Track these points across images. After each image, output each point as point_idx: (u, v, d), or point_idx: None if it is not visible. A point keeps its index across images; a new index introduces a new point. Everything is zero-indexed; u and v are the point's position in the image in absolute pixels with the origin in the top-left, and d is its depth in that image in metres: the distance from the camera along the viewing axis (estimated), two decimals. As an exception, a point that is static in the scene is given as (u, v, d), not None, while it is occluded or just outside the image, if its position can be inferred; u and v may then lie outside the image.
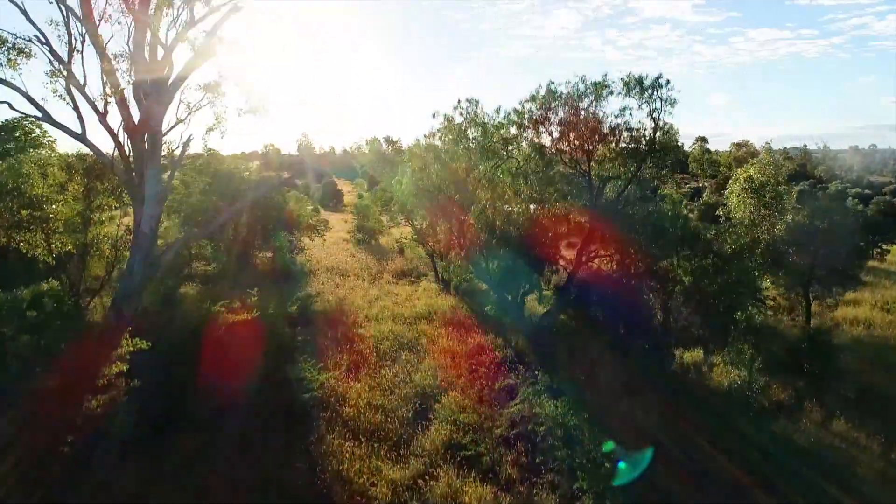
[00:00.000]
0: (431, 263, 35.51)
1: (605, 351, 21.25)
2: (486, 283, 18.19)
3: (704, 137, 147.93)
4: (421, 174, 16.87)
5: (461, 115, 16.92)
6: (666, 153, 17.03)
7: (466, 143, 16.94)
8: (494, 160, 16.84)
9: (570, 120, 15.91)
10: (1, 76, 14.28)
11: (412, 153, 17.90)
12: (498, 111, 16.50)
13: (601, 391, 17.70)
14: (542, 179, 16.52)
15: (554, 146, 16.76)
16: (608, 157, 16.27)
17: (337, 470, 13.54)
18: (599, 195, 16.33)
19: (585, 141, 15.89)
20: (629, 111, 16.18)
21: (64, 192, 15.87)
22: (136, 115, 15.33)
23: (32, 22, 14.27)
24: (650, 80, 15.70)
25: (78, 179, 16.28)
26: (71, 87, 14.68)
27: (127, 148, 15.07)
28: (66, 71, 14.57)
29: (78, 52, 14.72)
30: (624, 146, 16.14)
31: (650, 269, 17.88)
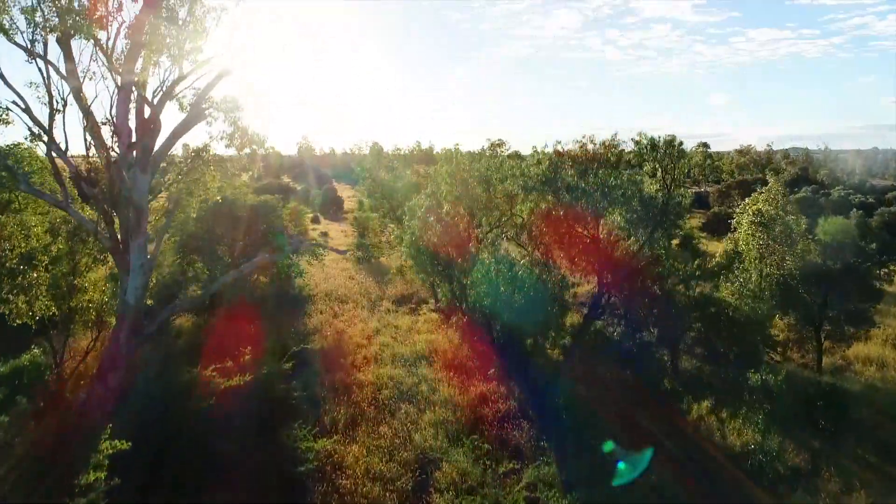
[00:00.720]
0: (432, 290, 34.85)
1: (613, 402, 20.59)
2: (492, 343, 17.55)
3: (706, 143, 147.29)
4: (421, 233, 16.18)
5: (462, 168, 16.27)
6: (679, 216, 16.32)
7: (468, 200, 16.21)
8: (497, 215, 16.22)
9: (578, 185, 15.24)
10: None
11: (412, 211, 17.16)
12: (502, 164, 15.83)
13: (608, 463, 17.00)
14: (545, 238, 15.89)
15: (560, 209, 16.11)
16: (619, 223, 15.60)
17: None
18: (608, 263, 15.73)
19: (596, 205, 15.20)
20: (641, 176, 15.47)
21: (48, 252, 15.17)
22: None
23: (10, 86, 13.58)
24: (663, 142, 15.02)
25: (62, 242, 15.59)
26: (52, 152, 13.98)
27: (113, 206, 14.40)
28: (47, 136, 13.87)
29: (59, 112, 14.01)
30: (634, 214, 15.42)
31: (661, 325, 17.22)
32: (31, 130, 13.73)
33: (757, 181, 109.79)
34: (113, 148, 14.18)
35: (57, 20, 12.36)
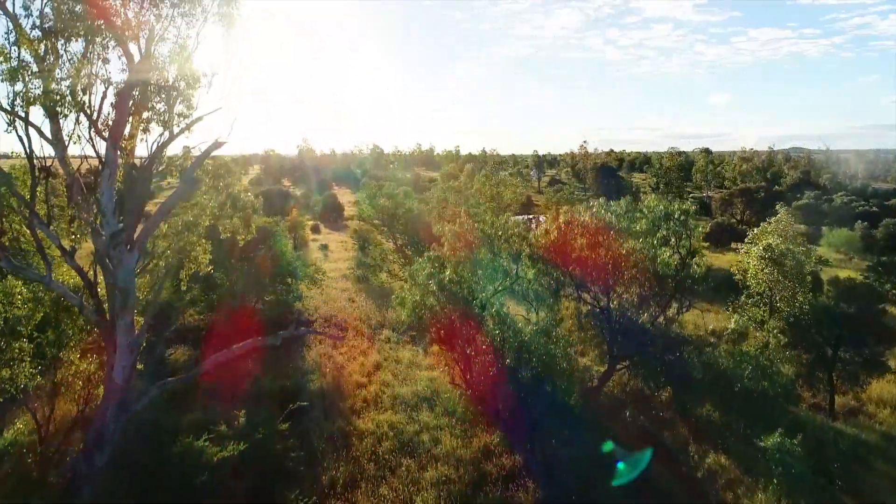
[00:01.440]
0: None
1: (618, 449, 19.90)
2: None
3: (708, 149, 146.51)
4: (422, 298, 15.52)
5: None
6: (696, 283, 15.56)
7: (471, 264, 15.61)
8: (502, 279, 15.54)
9: (589, 255, 14.54)
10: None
11: (413, 275, 16.47)
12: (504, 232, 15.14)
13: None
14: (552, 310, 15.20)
15: (569, 276, 15.40)
16: (631, 295, 14.89)
17: None
18: (619, 333, 15.00)
19: (608, 276, 14.51)
20: (656, 244, 14.74)
21: (32, 320, 14.51)
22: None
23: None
24: (679, 211, 14.30)
25: (47, 307, 14.90)
26: (34, 224, 13.30)
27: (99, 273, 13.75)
28: (28, 210, 13.19)
29: (42, 182, 13.35)
30: (649, 286, 14.71)
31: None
32: (9, 203, 13.07)
33: (760, 189, 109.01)
34: (98, 230, 13.48)
35: (40, 91, 11.70)
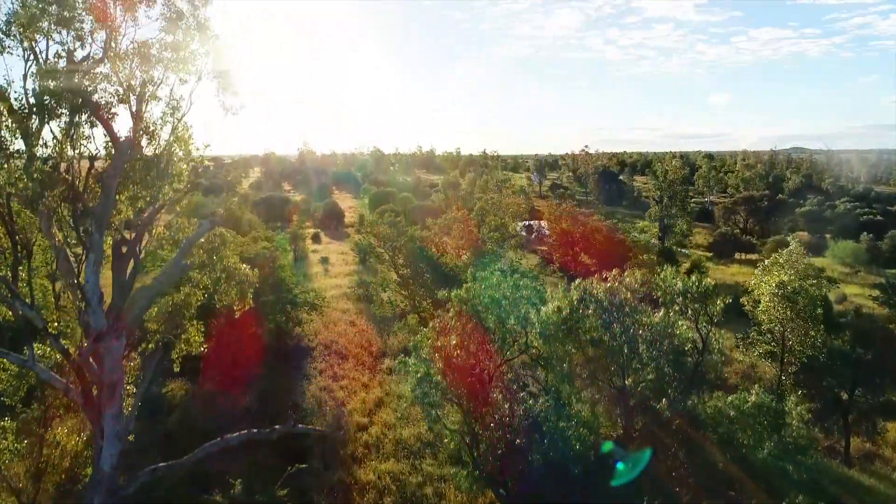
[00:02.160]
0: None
1: None
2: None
3: (711, 155, 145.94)
4: (426, 374, 14.81)
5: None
6: (718, 370, 14.77)
7: (480, 333, 14.89)
8: (511, 347, 14.89)
9: (601, 338, 13.78)
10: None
11: (416, 348, 15.74)
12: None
13: None
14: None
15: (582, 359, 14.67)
16: (647, 379, 14.10)
17: None
18: (635, 416, 14.27)
19: (621, 361, 13.74)
20: (674, 325, 13.96)
21: (17, 395, 13.83)
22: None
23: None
24: (695, 282, 13.54)
25: (31, 383, 14.20)
26: (16, 306, 12.60)
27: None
28: (11, 291, 12.50)
29: (24, 260, 12.63)
30: (666, 370, 13.93)
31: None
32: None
33: (763, 197, 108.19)
34: (85, 318, 12.78)
35: (24, 184, 11.00)
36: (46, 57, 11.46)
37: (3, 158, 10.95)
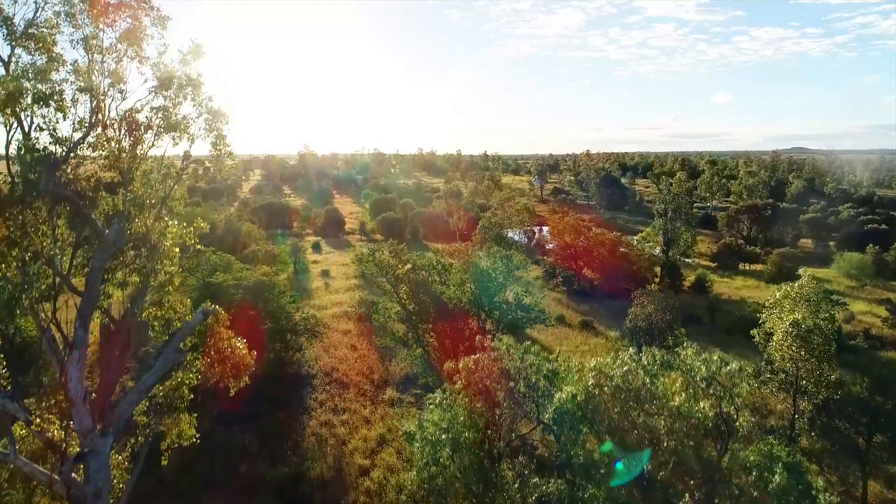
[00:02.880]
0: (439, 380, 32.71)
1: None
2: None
3: (714, 161, 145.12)
4: (434, 453, 14.06)
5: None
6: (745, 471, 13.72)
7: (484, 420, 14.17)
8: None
9: (621, 424, 13.07)
10: None
11: (421, 426, 14.98)
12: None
13: None
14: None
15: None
16: (668, 468, 13.34)
17: None
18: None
19: (642, 445, 13.07)
20: (695, 411, 13.13)
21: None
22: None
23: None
24: (720, 366, 12.73)
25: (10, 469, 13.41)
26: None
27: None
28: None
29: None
30: (688, 458, 13.14)
31: None
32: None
33: (767, 206, 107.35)
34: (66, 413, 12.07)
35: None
36: (30, 128, 10.72)
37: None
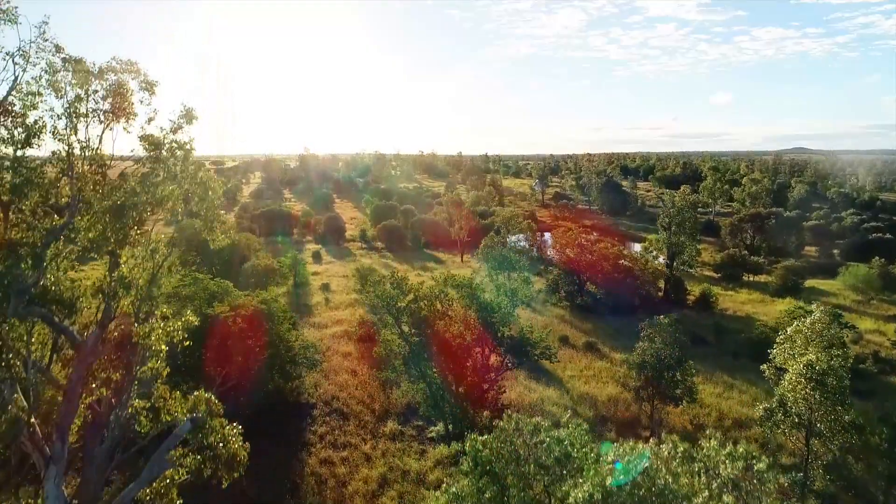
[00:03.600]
0: (441, 418, 31.97)
1: None
2: None
3: (717, 167, 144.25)
4: None
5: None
6: None
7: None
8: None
9: None
10: None
11: None
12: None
13: None
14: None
15: None
16: None
17: None
18: None
19: None
20: None
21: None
22: None
23: None
24: (747, 459, 11.94)
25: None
26: None
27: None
28: None
29: None
30: None
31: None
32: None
33: (770, 215, 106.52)
34: None
35: None
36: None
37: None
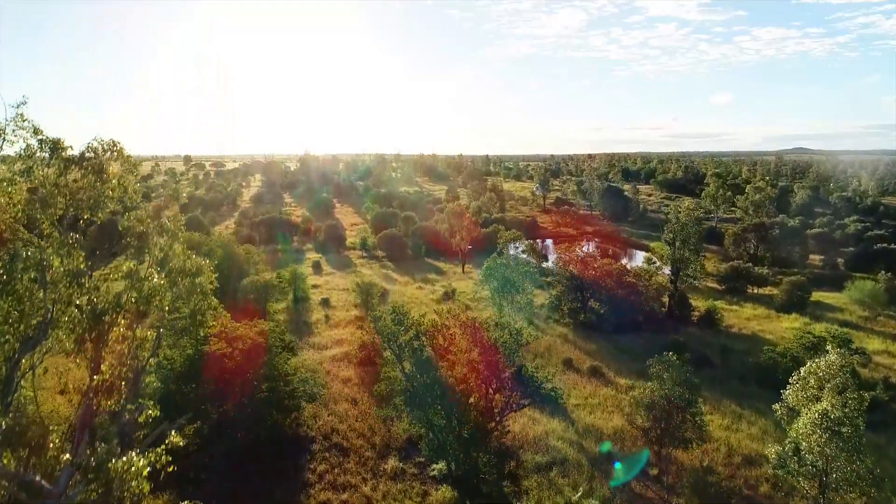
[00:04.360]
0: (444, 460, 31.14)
1: None
2: None
3: (719, 173, 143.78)
4: None
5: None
6: None
7: None
8: None
9: None
10: None
11: None
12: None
13: None
14: None
15: None
16: None
17: None
18: None
19: None
20: None
21: None
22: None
23: None
24: None
25: None
26: None
27: None
28: None
29: None
30: None
31: None
32: None
33: (774, 225, 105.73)
34: None
35: None
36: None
37: None
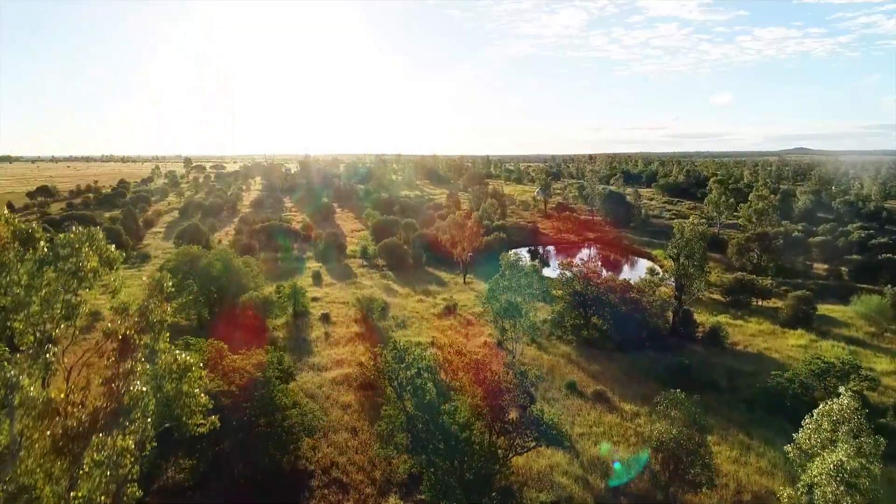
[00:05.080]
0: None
1: None
2: None
3: (722, 180, 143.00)
4: None
5: None
6: None
7: None
8: None
9: None
10: None
11: None
12: None
13: None
14: None
15: None
16: None
17: None
18: None
19: None
20: None
21: None
22: None
23: None
24: None
25: None
26: None
27: None
28: None
29: None
30: None
31: None
32: None
33: (778, 235, 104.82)
34: None
35: None
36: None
37: None
